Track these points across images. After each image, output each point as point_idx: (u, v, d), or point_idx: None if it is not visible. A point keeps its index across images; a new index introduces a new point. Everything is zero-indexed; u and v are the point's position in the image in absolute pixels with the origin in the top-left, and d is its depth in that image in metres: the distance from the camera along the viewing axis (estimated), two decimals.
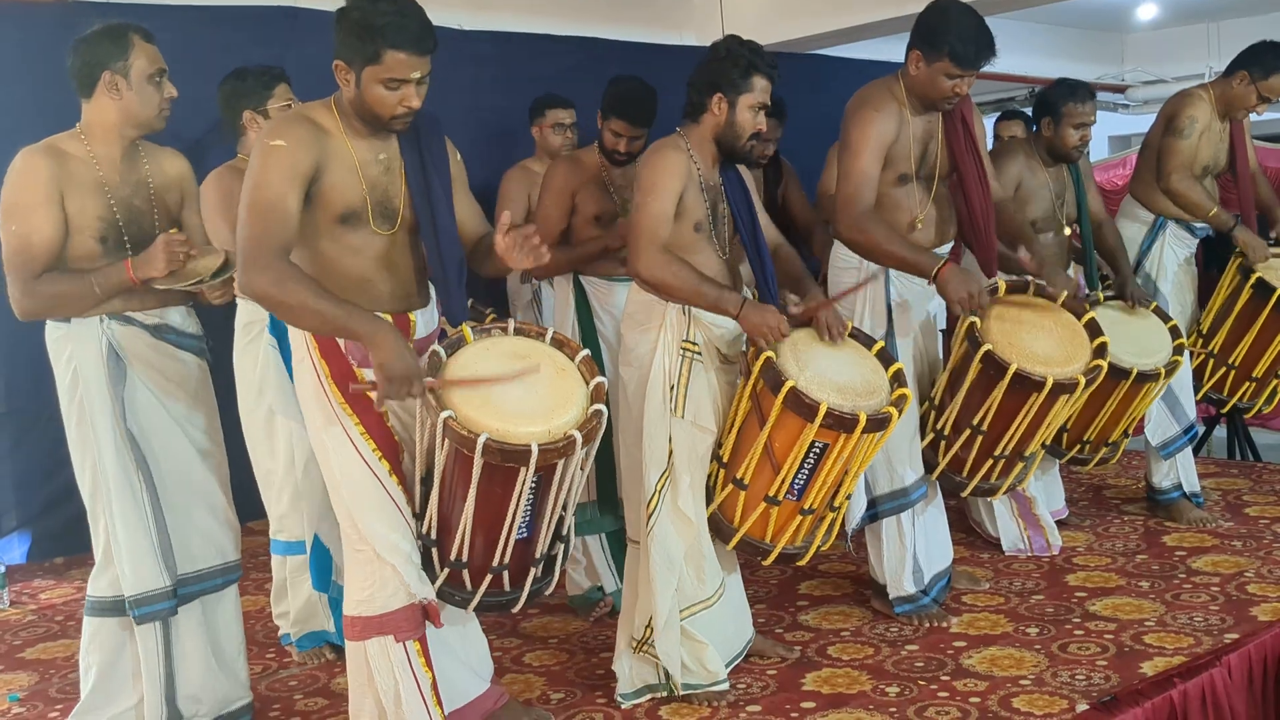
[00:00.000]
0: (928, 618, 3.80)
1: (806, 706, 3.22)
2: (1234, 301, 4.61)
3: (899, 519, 3.80)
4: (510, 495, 2.66)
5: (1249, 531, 4.58)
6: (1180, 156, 4.51)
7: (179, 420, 3.12)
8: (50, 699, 3.56)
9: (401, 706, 2.81)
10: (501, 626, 3.91)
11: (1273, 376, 4.63)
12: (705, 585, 3.30)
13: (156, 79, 3.01)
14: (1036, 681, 3.29)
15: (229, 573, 3.23)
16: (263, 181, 2.62)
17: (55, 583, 4.74)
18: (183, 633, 3.12)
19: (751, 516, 3.24)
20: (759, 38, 7.40)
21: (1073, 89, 4.35)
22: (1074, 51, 9.71)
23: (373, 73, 2.63)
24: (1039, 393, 3.51)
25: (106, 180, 3.00)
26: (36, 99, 4.39)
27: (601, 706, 3.31)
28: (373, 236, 2.76)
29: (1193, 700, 3.17)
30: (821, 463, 3.15)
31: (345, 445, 2.76)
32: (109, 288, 2.95)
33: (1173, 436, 4.67)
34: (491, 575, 2.78)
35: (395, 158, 2.80)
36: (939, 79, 3.49)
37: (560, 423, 2.66)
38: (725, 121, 3.21)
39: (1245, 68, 4.54)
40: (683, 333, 3.22)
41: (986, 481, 3.81)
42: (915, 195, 3.65)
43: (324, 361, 2.76)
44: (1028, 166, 4.39)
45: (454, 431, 2.59)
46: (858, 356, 3.30)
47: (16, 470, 4.95)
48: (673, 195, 3.15)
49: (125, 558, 3.01)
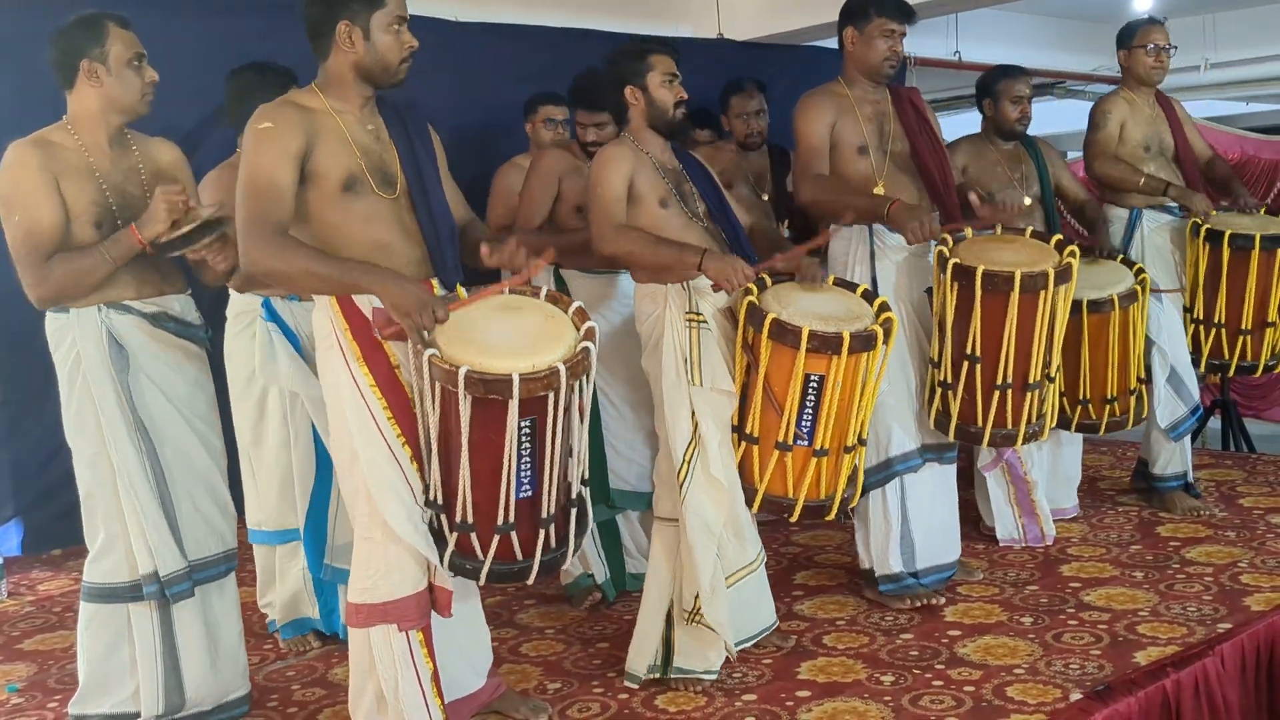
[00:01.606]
0: (914, 597, 3.83)
1: (802, 695, 3.24)
2: (1200, 262, 4.67)
3: (884, 493, 3.83)
4: (503, 439, 2.63)
5: (1243, 522, 4.60)
6: (1098, 146, 4.74)
7: (180, 408, 3.14)
8: (49, 690, 3.57)
9: (400, 697, 2.81)
10: (498, 617, 3.93)
11: (1263, 326, 4.65)
12: (747, 549, 3.37)
13: (135, 64, 3.05)
14: (1030, 671, 3.30)
15: (230, 560, 3.25)
16: (255, 163, 2.71)
17: (53, 574, 4.75)
18: (183, 622, 3.13)
19: (769, 470, 3.29)
20: (754, 30, 7.44)
21: (1005, 70, 4.68)
22: (1069, 43, 9.71)
23: (380, 17, 2.76)
24: (1012, 290, 3.60)
25: (97, 167, 3.04)
26: (27, 91, 4.38)
27: (598, 696, 3.32)
28: (379, 201, 2.81)
29: (1186, 690, 3.19)
30: (822, 397, 3.21)
31: (369, 425, 2.76)
32: (119, 255, 2.98)
33: (1181, 417, 4.70)
34: (499, 537, 2.72)
35: (382, 129, 2.89)
36: (875, 42, 3.76)
37: (545, 358, 2.65)
38: (646, 105, 3.40)
39: (1118, 48, 4.83)
40: (685, 305, 3.31)
41: (1002, 426, 3.81)
42: (875, 165, 3.83)
43: (354, 342, 2.77)
44: (974, 152, 4.68)
45: (438, 368, 2.61)
46: (840, 296, 3.42)
47: (11, 460, 4.95)
48: (619, 180, 3.31)
49: (154, 537, 3.02)
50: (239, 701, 3.28)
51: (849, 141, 3.80)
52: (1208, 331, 4.71)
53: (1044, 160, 4.71)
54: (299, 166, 2.72)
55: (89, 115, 3.05)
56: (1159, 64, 4.73)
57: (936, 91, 9.94)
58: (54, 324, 3.05)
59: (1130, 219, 4.74)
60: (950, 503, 4.00)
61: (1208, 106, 10.70)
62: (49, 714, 3.40)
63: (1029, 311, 3.66)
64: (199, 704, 3.17)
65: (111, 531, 3.08)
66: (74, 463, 3.11)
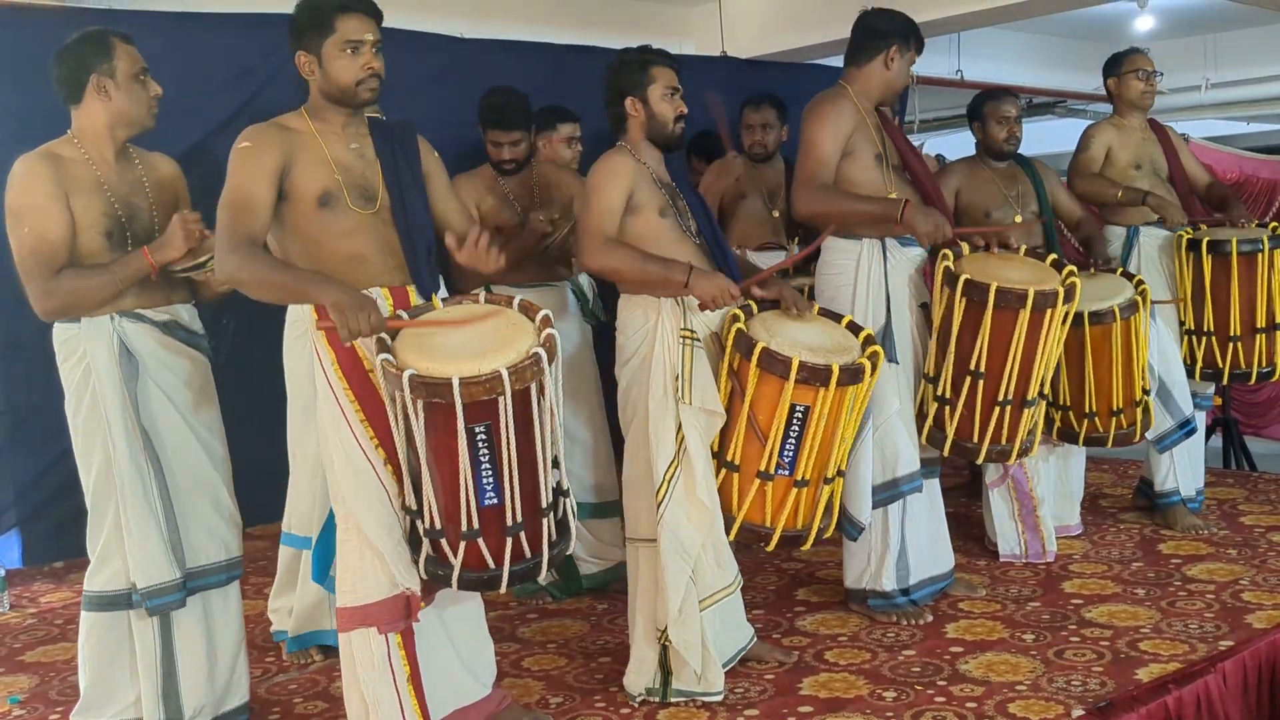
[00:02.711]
0: (904, 615, 3.84)
1: (804, 711, 3.24)
2: (1186, 273, 4.72)
3: (885, 514, 3.83)
4: (456, 444, 2.64)
5: (1244, 540, 4.60)
6: (1077, 167, 4.87)
7: (186, 416, 3.16)
8: (51, 701, 3.57)
9: (378, 698, 2.85)
10: (500, 631, 3.93)
11: (1252, 332, 4.67)
12: (725, 572, 3.35)
13: (141, 77, 3.12)
14: (1033, 687, 3.30)
15: (233, 569, 3.26)
16: (233, 180, 2.84)
17: (55, 586, 4.76)
18: (183, 629, 3.14)
19: (748, 499, 3.28)
20: (758, 47, 7.47)
21: (991, 93, 4.80)
22: (1071, 63, 9.75)
23: (331, 44, 2.85)
24: (1024, 308, 3.63)
25: (105, 179, 3.09)
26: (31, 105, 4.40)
27: (600, 710, 3.32)
28: (355, 216, 2.90)
29: (1187, 707, 3.19)
30: (806, 428, 3.21)
31: (344, 430, 2.83)
32: (128, 276, 3.03)
33: (1167, 430, 4.72)
34: (465, 543, 2.72)
35: (369, 148, 2.98)
36: (907, 69, 3.88)
37: (491, 362, 2.64)
38: (646, 118, 3.39)
39: (1106, 78, 4.95)
40: (679, 321, 3.29)
41: (998, 443, 3.83)
42: (886, 177, 3.84)
43: (330, 349, 2.84)
44: (966, 175, 4.74)
45: (388, 372, 2.64)
46: (826, 327, 3.43)
47: (13, 471, 4.95)
48: (618, 191, 3.29)
49: (137, 550, 3.04)
50: (238, 711, 3.28)
51: (866, 150, 3.79)
52: (1199, 341, 4.75)
53: (1040, 179, 4.76)
54: (276, 183, 2.84)
55: (95, 130, 3.09)
56: (1150, 87, 4.84)
57: (938, 110, 9.99)
58: (63, 335, 3.07)
59: (1128, 236, 4.80)
60: (940, 515, 4.02)
61: (1208, 126, 10.75)
62: None
63: (1036, 329, 3.69)
64: (197, 712, 3.17)
65: (111, 540, 3.09)
66: (80, 472, 3.12)
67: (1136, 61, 4.84)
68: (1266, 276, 4.63)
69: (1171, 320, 4.74)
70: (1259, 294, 4.63)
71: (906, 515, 3.87)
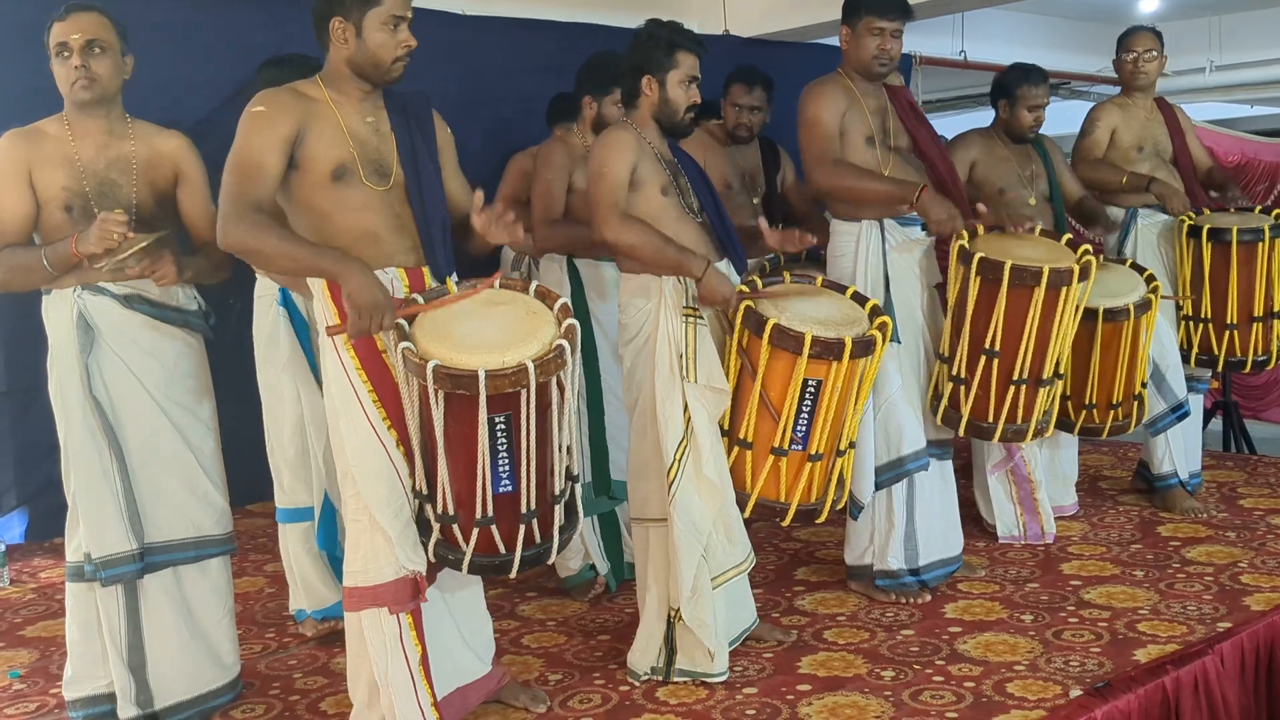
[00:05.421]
0: (909, 595, 3.84)
1: (802, 689, 3.25)
2: (1186, 259, 4.72)
3: (890, 493, 3.84)
4: (475, 434, 2.63)
5: (1243, 523, 4.61)
6: (1082, 151, 4.84)
7: (152, 391, 3.13)
8: (51, 676, 3.58)
9: (388, 679, 2.83)
10: (500, 609, 3.94)
11: (1249, 320, 4.67)
12: (737, 549, 3.35)
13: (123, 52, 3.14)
14: (1031, 667, 3.31)
15: (202, 546, 3.21)
16: (242, 143, 2.76)
17: (55, 561, 4.75)
18: (151, 603, 3.12)
19: (762, 475, 3.30)
20: (760, 27, 7.42)
21: (1026, 73, 4.59)
22: (1075, 43, 9.71)
23: (374, 16, 2.78)
24: (1039, 286, 3.62)
25: (80, 154, 3.08)
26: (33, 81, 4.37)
27: (599, 688, 3.33)
28: (369, 192, 2.84)
29: (1185, 687, 3.20)
30: (819, 402, 3.22)
31: (356, 410, 2.78)
32: (56, 261, 3.02)
33: (1160, 414, 4.72)
34: (479, 530, 2.72)
35: (384, 122, 2.91)
36: (865, 40, 3.74)
37: (515, 355, 2.63)
38: (659, 100, 3.35)
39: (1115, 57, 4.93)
40: (682, 299, 3.28)
41: (1013, 422, 3.84)
42: (880, 157, 3.81)
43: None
44: (983, 148, 4.64)
45: (410, 361, 2.62)
46: (833, 299, 3.43)
47: (16, 449, 4.96)
48: (624, 166, 3.27)
49: (89, 520, 3.04)
50: (221, 691, 3.25)
51: (857, 132, 3.78)
52: (1195, 327, 4.76)
53: (1050, 158, 4.74)
54: (288, 151, 2.77)
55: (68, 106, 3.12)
56: (1137, 69, 4.81)
57: (942, 91, 9.95)
58: (42, 308, 3.11)
59: (1126, 218, 4.80)
60: (951, 497, 4.02)
61: (1212, 109, 10.71)
62: (50, 699, 3.41)
63: (1051, 307, 3.69)
64: (173, 691, 3.14)
65: (75, 510, 3.10)
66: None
67: (1128, 41, 4.84)
68: (1266, 266, 4.62)
69: (1168, 305, 4.74)
70: (1258, 283, 4.63)
71: (916, 495, 3.87)
